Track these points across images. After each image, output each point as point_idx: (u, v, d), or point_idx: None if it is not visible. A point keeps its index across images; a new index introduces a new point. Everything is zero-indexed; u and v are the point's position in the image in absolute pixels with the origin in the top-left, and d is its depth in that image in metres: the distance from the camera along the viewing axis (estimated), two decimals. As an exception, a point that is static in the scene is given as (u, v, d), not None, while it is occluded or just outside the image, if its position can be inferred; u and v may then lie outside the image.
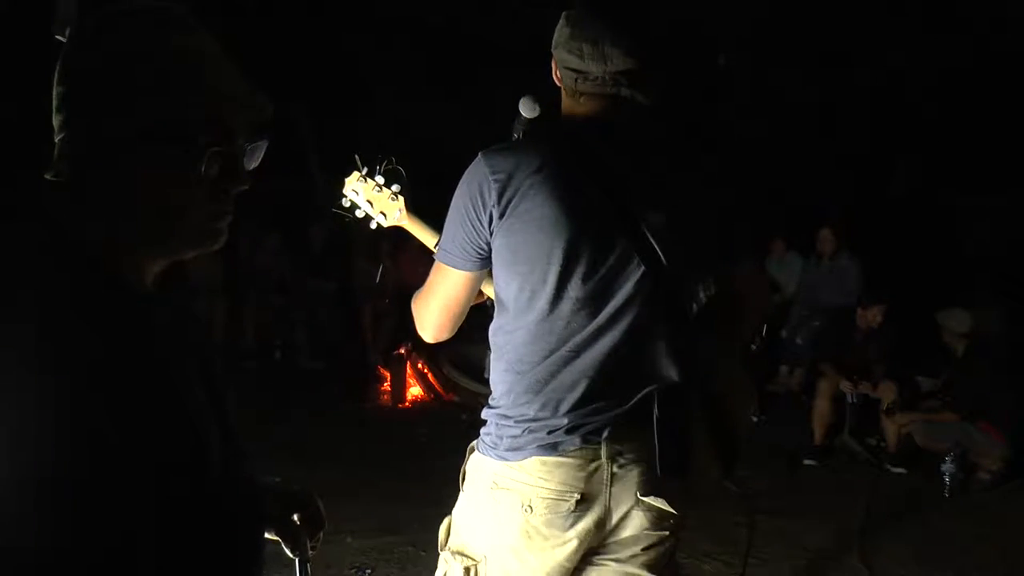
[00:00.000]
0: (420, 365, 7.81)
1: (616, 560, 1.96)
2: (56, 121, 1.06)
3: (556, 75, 1.96)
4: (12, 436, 0.90)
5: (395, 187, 2.38)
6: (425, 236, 2.39)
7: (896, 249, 9.55)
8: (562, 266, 1.84)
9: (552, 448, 1.87)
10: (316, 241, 9.28)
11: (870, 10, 9.50)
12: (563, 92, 1.97)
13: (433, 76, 9.37)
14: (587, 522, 1.89)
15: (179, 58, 1.05)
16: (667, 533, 1.97)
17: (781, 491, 5.60)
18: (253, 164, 1.11)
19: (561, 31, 1.92)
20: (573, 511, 1.87)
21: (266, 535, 1.34)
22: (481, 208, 1.86)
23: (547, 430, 1.87)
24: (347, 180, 2.38)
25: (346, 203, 2.39)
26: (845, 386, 6.40)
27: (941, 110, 9.88)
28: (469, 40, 9.03)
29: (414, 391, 7.83)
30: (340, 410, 7.41)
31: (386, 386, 7.94)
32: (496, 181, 1.84)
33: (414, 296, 2.09)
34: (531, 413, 1.88)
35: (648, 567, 1.96)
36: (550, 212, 1.82)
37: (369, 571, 4.18)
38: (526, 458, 1.88)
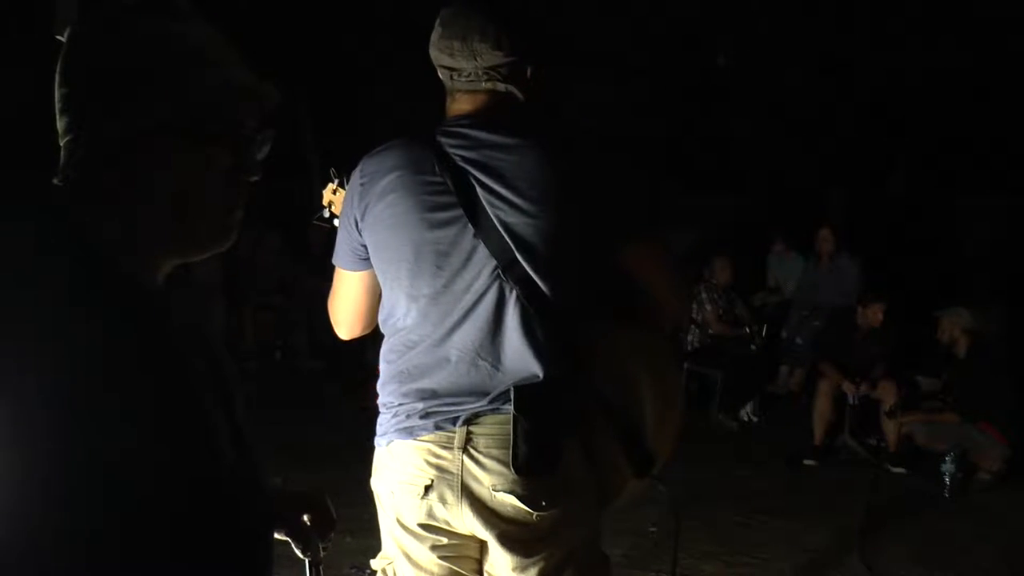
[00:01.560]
0: (420, 365, 7.80)
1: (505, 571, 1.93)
2: (61, 123, 1.04)
3: (440, 75, 2.00)
4: (24, 435, 0.90)
5: None
6: None
7: (896, 249, 9.56)
8: (412, 264, 1.89)
9: (408, 432, 1.91)
10: (316, 241, 9.27)
11: (870, 10, 9.50)
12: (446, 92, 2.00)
13: (433, 76, 9.36)
14: (440, 511, 1.90)
15: (189, 50, 1.04)
16: (540, 535, 1.90)
17: (781, 491, 5.60)
18: (262, 155, 1.11)
19: (434, 32, 1.95)
20: (423, 496, 1.90)
21: (276, 536, 1.34)
22: (350, 210, 1.97)
23: (406, 414, 1.93)
24: (324, 192, 2.39)
25: (326, 214, 2.41)
26: (847, 387, 6.40)
27: (941, 110, 9.88)
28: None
29: (414, 391, 7.82)
30: (340, 410, 7.41)
31: (386, 386, 7.93)
32: (360, 184, 1.94)
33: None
34: (395, 400, 1.95)
35: (541, 573, 1.91)
36: (399, 211, 1.89)
37: (369, 571, 4.18)
38: (390, 442, 1.95)
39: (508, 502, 1.86)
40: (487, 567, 1.96)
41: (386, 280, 1.96)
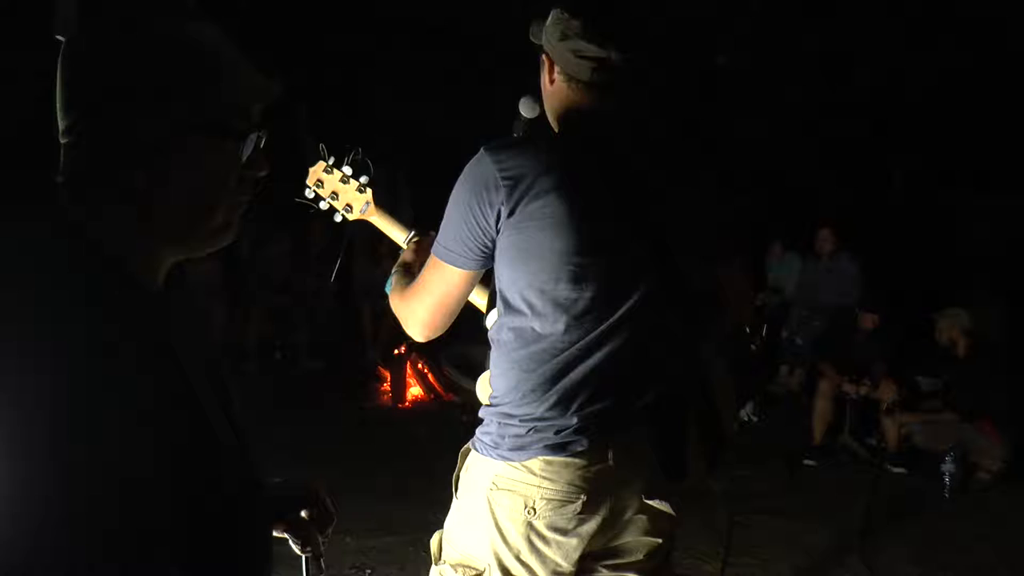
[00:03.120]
0: (420, 365, 7.82)
1: (615, 566, 1.96)
2: (65, 122, 1.03)
3: (551, 72, 1.92)
4: (23, 435, 0.90)
5: (363, 179, 2.30)
6: (393, 231, 2.33)
7: (896, 249, 9.55)
8: (574, 268, 1.80)
9: (560, 448, 1.83)
10: (316, 241, 9.27)
11: (870, 10, 9.50)
12: (561, 89, 1.92)
13: (433, 76, 9.37)
14: (592, 524, 1.87)
15: (213, 50, 1.05)
16: (666, 536, 1.98)
17: (781, 491, 5.60)
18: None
19: (568, 23, 1.85)
20: (579, 513, 1.84)
21: (274, 533, 1.34)
22: (488, 206, 1.80)
23: (555, 430, 1.83)
24: (311, 170, 2.29)
25: (310, 194, 2.30)
26: (847, 387, 6.40)
27: (941, 110, 9.87)
28: (469, 40, 9.04)
29: (414, 391, 7.83)
30: (340, 410, 7.42)
31: (386, 386, 7.94)
32: (505, 179, 1.78)
33: (395, 292, 2.04)
34: (538, 412, 1.84)
35: (643, 571, 1.96)
36: (561, 212, 1.78)
37: (369, 571, 4.18)
38: (531, 458, 1.84)
39: (657, 508, 1.91)
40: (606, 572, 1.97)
41: (531, 284, 1.83)
